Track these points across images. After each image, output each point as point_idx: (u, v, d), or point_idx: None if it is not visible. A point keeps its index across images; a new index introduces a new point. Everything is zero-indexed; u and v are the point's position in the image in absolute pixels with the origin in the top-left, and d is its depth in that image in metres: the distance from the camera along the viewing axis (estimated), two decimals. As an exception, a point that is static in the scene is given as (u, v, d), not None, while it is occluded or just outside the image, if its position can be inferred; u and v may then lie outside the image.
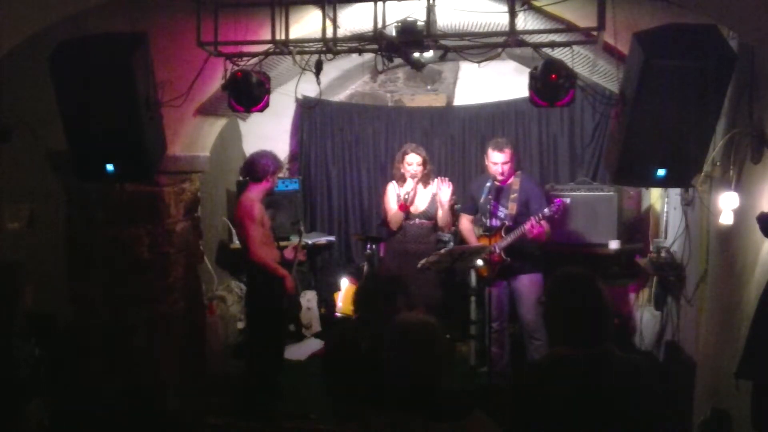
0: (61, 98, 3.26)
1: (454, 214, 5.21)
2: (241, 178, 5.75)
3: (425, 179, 5.02)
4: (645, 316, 5.12)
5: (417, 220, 5.01)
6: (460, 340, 5.65)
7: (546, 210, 4.59)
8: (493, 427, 2.01)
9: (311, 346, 5.96)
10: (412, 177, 4.96)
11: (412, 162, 4.96)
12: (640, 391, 2.23)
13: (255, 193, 4.59)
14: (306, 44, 3.44)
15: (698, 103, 2.83)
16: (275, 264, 4.55)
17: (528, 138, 6.20)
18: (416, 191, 4.98)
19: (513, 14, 3.14)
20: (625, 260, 5.40)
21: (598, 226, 5.38)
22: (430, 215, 5.03)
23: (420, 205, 5.03)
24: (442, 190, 4.91)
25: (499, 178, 4.76)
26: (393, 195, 5.08)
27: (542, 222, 4.59)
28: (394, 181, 5.14)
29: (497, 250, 4.72)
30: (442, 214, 4.97)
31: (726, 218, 2.97)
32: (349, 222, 6.69)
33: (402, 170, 5.02)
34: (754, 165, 2.86)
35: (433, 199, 5.02)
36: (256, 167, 4.60)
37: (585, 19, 3.35)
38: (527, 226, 4.59)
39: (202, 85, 3.82)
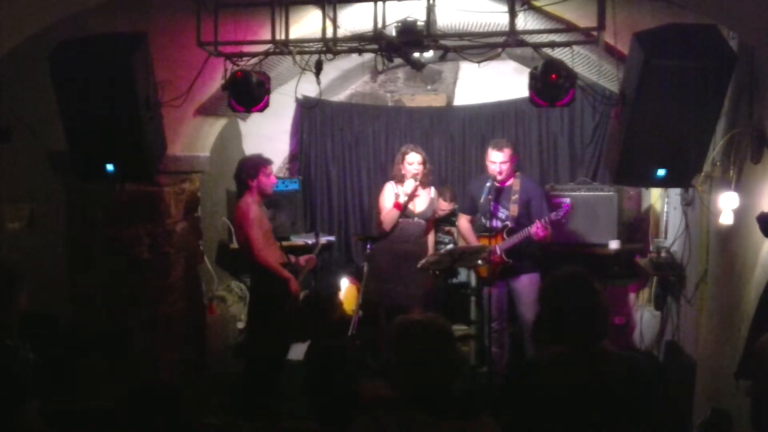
0: (61, 98, 3.27)
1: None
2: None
3: (425, 179, 4.99)
4: (645, 316, 5.12)
5: (415, 219, 4.98)
6: (460, 340, 5.65)
7: (553, 215, 4.57)
8: (498, 430, 2.00)
9: (311, 346, 5.95)
10: (414, 177, 4.89)
11: (413, 161, 4.90)
12: (635, 389, 2.24)
13: (250, 196, 4.56)
14: (306, 44, 3.44)
15: (698, 103, 2.84)
16: (279, 266, 4.54)
17: (528, 138, 6.18)
18: (415, 191, 4.91)
19: (513, 14, 3.14)
20: (625, 260, 5.39)
21: (598, 226, 5.37)
22: (426, 217, 5.01)
23: (419, 206, 5.00)
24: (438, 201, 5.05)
25: (498, 177, 4.74)
26: (390, 194, 5.00)
27: (547, 225, 4.58)
28: (392, 182, 5.07)
29: (498, 252, 4.71)
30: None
31: (726, 218, 2.98)
32: (349, 222, 6.67)
33: (402, 170, 4.95)
34: (754, 165, 2.87)
35: (431, 203, 5.01)
36: (237, 176, 4.60)
37: (585, 19, 3.35)
38: (533, 229, 4.56)
39: (202, 85, 3.82)
